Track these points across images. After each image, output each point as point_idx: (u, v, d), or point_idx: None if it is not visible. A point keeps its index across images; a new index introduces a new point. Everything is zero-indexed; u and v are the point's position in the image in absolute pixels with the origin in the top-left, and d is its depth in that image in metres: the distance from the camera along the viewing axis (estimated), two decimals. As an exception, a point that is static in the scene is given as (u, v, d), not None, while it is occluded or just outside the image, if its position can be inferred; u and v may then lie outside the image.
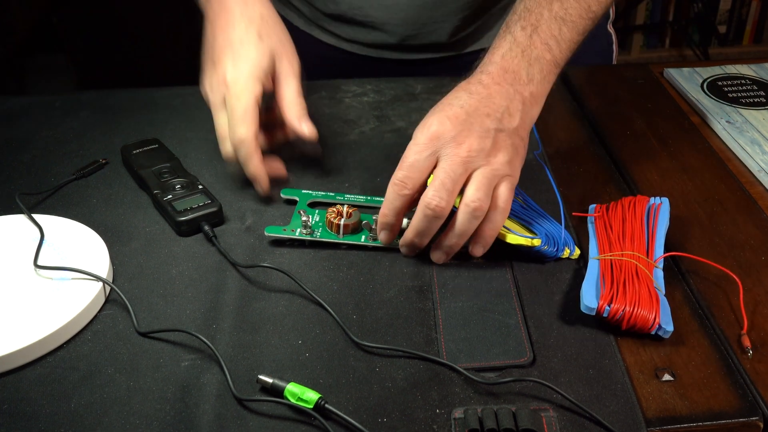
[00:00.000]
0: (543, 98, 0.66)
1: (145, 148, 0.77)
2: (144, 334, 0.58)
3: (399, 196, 0.62)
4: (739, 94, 0.90)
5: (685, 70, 0.96)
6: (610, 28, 1.04)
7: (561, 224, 0.66)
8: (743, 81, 0.93)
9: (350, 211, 0.67)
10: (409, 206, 0.63)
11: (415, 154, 0.61)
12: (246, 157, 0.69)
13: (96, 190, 0.75)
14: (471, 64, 0.68)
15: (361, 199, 0.72)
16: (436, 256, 0.64)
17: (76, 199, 0.73)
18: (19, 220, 0.68)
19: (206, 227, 0.67)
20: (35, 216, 0.68)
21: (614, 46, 1.05)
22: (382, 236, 0.65)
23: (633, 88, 0.92)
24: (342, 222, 0.66)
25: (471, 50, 0.96)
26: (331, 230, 0.67)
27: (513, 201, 0.68)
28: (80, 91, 1.06)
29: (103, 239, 0.66)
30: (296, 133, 0.71)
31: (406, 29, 0.93)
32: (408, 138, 0.75)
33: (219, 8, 0.72)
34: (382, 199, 0.64)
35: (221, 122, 0.70)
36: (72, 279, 0.61)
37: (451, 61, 0.97)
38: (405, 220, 0.67)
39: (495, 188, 0.61)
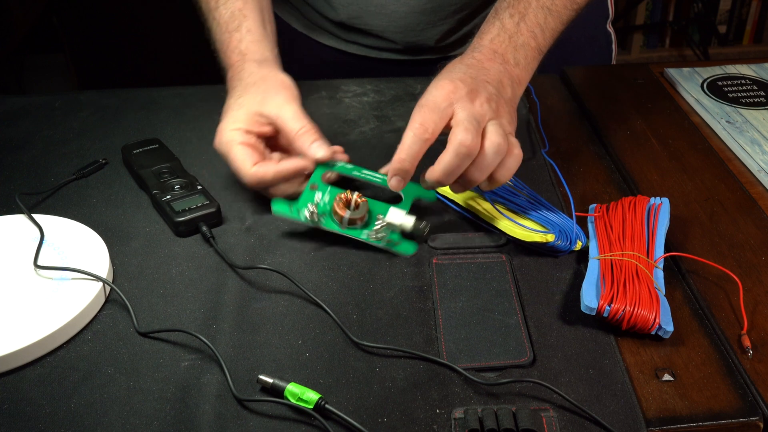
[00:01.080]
0: (526, 82, 0.71)
1: (145, 148, 0.77)
2: (144, 334, 0.58)
3: (419, 140, 0.62)
4: (739, 94, 0.90)
5: (685, 70, 0.96)
6: (610, 28, 1.04)
7: (569, 218, 0.66)
8: (743, 81, 0.93)
9: (359, 201, 0.67)
10: (423, 153, 0.63)
11: (433, 104, 0.63)
12: (272, 179, 0.68)
13: (96, 190, 0.75)
14: None
15: (378, 178, 0.70)
16: (456, 188, 0.65)
17: (76, 199, 0.73)
18: (19, 220, 0.68)
19: (204, 228, 0.67)
20: (35, 216, 0.68)
21: (614, 46, 1.05)
22: (394, 182, 0.64)
23: (633, 88, 0.92)
24: (347, 215, 0.66)
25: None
26: (335, 219, 0.67)
27: (522, 198, 0.68)
28: (80, 91, 1.06)
29: (103, 239, 0.66)
30: (314, 159, 0.69)
31: (405, 35, 0.93)
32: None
33: (227, 84, 0.75)
34: None
35: (238, 175, 0.70)
36: (72, 279, 0.61)
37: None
38: (399, 218, 0.66)
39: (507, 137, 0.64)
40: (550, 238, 0.64)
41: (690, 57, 2.77)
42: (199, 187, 0.72)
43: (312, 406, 0.51)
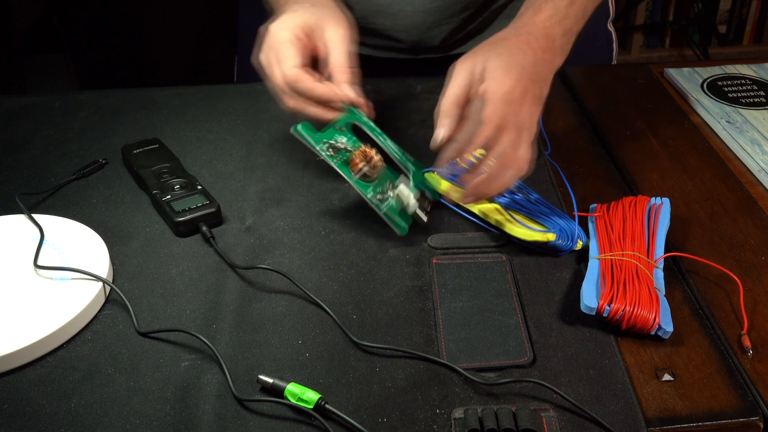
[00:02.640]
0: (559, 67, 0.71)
1: (145, 148, 0.77)
2: (144, 334, 0.58)
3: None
4: (739, 94, 0.90)
5: (685, 70, 0.96)
6: (610, 27, 1.05)
7: (570, 218, 0.67)
8: (743, 81, 0.93)
9: (378, 161, 0.67)
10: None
11: (503, 101, 0.62)
12: (305, 88, 0.67)
13: (96, 190, 0.75)
14: None
15: (397, 153, 0.70)
16: (467, 200, 0.66)
17: (76, 199, 0.73)
18: (19, 220, 0.68)
19: (204, 228, 0.67)
20: (35, 216, 0.68)
21: (614, 45, 1.05)
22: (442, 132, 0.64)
23: (633, 88, 0.92)
24: (365, 169, 0.66)
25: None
26: (350, 167, 0.66)
27: (523, 198, 0.69)
28: (80, 91, 1.06)
29: (103, 239, 0.66)
30: (339, 98, 0.69)
31: (410, 35, 0.93)
32: (409, 138, 0.75)
33: (276, 8, 0.75)
34: (411, 161, 0.69)
35: (274, 76, 0.69)
36: (72, 279, 0.61)
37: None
38: (407, 196, 0.67)
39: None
40: (551, 237, 0.64)
41: (690, 57, 2.77)
42: (199, 187, 0.72)
43: (312, 406, 0.51)
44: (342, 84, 0.68)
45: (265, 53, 0.69)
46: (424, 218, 0.68)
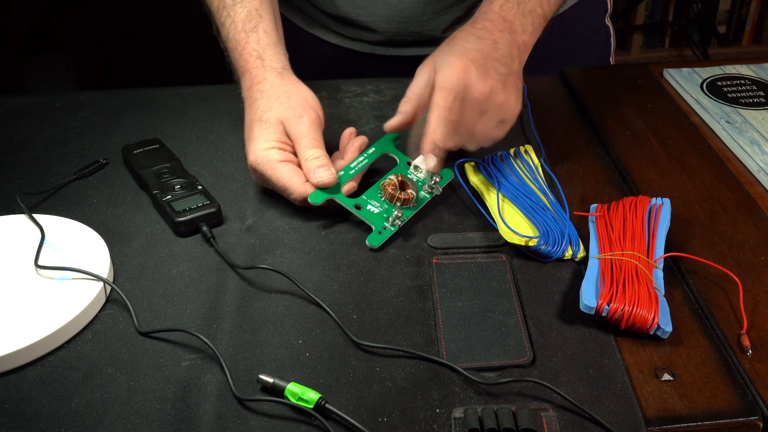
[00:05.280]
0: (530, 48, 0.74)
1: (146, 148, 0.78)
2: (144, 334, 0.58)
3: (446, 121, 0.67)
4: (739, 94, 0.90)
5: (685, 70, 0.96)
6: (608, 21, 1.05)
7: (572, 227, 0.67)
8: (743, 81, 0.93)
9: (407, 191, 0.70)
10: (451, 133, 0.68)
11: (450, 86, 0.67)
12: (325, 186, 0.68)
13: (96, 190, 0.75)
14: None
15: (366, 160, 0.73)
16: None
17: (76, 199, 0.73)
18: (20, 220, 0.68)
19: (204, 228, 0.67)
20: (36, 216, 0.68)
21: (612, 39, 1.06)
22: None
23: (633, 88, 0.92)
24: (403, 195, 0.69)
25: None
26: (391, 201, 0.69)
27: (522, 200, 0.70)
28: (80, 91, 1.06)
29: (104, 239, 0.66)
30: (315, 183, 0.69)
31: (410, 26, 0.92)
32: (408, 137, 0.75)
33: (243, 91, 0.75)
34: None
35: (279, 188, 0.70)
36: (72, 279, 0.61)
37: None
38: (421, 162, 0.71)
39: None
40: (532, 243, 0.63)
41: (689, 57, 2.77)
42: (200, 187, 0.72)
43: (312, 406, 0.51)
44: (315, 171, 0.68)
45: (259, 168, 0.69)
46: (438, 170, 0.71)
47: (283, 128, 0.70)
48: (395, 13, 0.91)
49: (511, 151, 0.77)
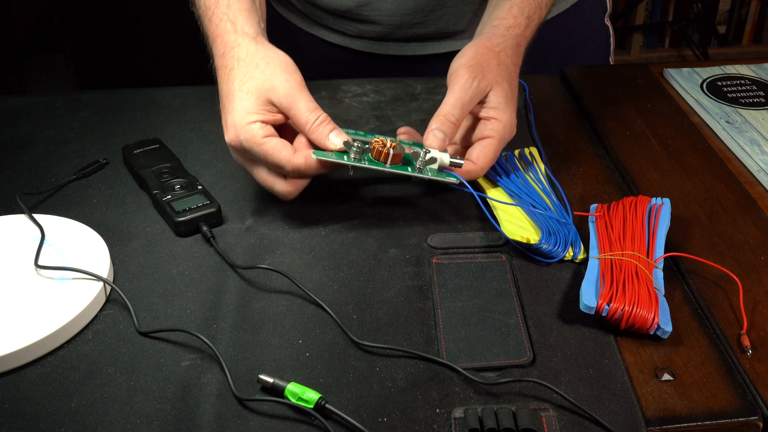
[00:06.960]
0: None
1: (145, 148, 0.78)
2: (144, 334, 0.58)
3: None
4: (739, 94, 0.90)
5: (685, 70, 0.96)
6: (607, 21, 1.06)
7: (573, 229, 0.67)
8: (742, 81, 0.93)
9: (394, 143, 0.66)
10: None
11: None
12: (307, 172, 0.66)
13: (96, 190, 0.75)
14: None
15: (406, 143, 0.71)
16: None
17: (76, 199, 0.73)
18: (20, 220, 0.68)
19: (204, 228, 0.67)
20: (36, 216, 0.68)
21: (611, 39, 1.06)
22: (434, 138, 0.67)
23: (632, 88, 0.92)
24: (392, 151, 0.65)
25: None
26: (379, 159, 0.66)
27: (525, 200, 0.70)
28: (80, 91, 1.06)
29: (104, 239, 0.66)
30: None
31: (414, 18, 0.92)
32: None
33: (215, 59, 0.71)
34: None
35: (257, 175, 0.68)
36: (73, 279, 0.61)
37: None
38: (438, 153, 0.67)
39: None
40: (533, 240, 0.63)
41: (689, 57, 2.77)
42: (200, 187, 0.72)
43: (312, 406, 0.51)
44: (328, 137, 0.66)
45: (243, 145, 0.66)
46: (462, 162, 0.68)
47: (266, 99, 0.66)
48: (400, 5, 0.91)
49: (516, 152, 0.77)
